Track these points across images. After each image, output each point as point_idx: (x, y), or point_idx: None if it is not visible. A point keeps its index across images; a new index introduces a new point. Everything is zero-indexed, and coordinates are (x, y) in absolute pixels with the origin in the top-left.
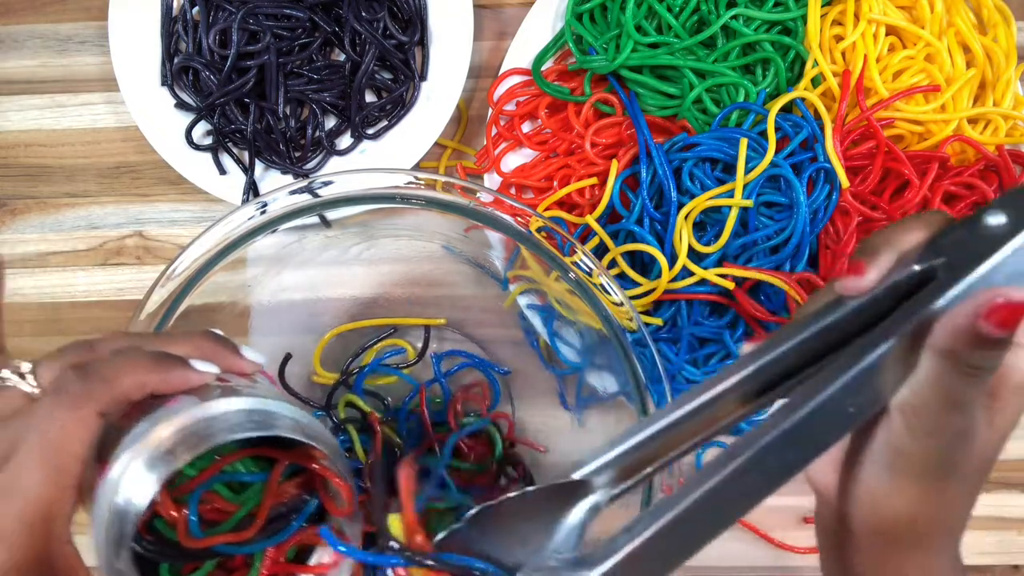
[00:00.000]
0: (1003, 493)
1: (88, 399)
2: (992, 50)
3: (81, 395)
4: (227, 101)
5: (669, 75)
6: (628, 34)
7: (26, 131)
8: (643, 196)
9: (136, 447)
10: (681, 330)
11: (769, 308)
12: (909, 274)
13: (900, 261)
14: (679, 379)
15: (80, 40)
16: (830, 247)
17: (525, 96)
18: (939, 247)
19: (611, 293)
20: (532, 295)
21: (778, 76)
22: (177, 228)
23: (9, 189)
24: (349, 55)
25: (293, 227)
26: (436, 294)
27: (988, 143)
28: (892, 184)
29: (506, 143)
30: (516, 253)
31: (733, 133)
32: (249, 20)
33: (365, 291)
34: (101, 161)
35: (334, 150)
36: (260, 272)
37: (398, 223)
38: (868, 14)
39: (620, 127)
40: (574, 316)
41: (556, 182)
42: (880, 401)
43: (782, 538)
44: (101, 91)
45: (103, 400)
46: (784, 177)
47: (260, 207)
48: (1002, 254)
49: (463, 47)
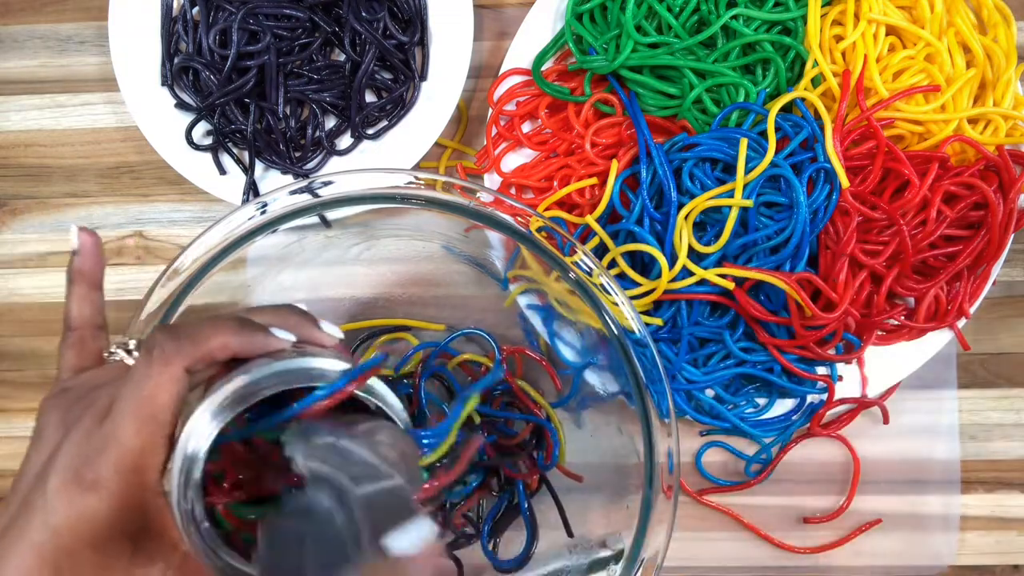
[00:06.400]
0: (1003, 493)
1: (177, 356)
2: (992, 50)
3: (171, 353)
4: (227, 101)
5: (669, 75)
6: (628, 34)
7: (26, 131)
8: (643, 196)
9: (208, 400)
10: (681, 330)
11: (769, 308)
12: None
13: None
14: (679, 379)
15: (80, 40)
16: (830, 247)
17: (525, 96)
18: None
19: (611, 293)
20: (532, 295)
21: (778, 76)
22: (177, 228)
23: (9, 189)
24: (349, 55)
25: (293, 227)
26: (436, 294)
27: (988, 143)
28: (892, 184)
29: (506, 143)
30: (516, 253)
31: (733, 133)
32: (249, 20)
33: (365, 291)
34: (101, 161)
35: (334, 150)
36: (260, 272)
37: (398, 223)
38: (868, 14)
39: (620, 127)
40: (574, 316)
41: (556, 182)
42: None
43: (782, 538)
44: (101, 91)
45: (191, 357)
46: (784, 177)
47: (260, 207)
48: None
49: (463, 47)
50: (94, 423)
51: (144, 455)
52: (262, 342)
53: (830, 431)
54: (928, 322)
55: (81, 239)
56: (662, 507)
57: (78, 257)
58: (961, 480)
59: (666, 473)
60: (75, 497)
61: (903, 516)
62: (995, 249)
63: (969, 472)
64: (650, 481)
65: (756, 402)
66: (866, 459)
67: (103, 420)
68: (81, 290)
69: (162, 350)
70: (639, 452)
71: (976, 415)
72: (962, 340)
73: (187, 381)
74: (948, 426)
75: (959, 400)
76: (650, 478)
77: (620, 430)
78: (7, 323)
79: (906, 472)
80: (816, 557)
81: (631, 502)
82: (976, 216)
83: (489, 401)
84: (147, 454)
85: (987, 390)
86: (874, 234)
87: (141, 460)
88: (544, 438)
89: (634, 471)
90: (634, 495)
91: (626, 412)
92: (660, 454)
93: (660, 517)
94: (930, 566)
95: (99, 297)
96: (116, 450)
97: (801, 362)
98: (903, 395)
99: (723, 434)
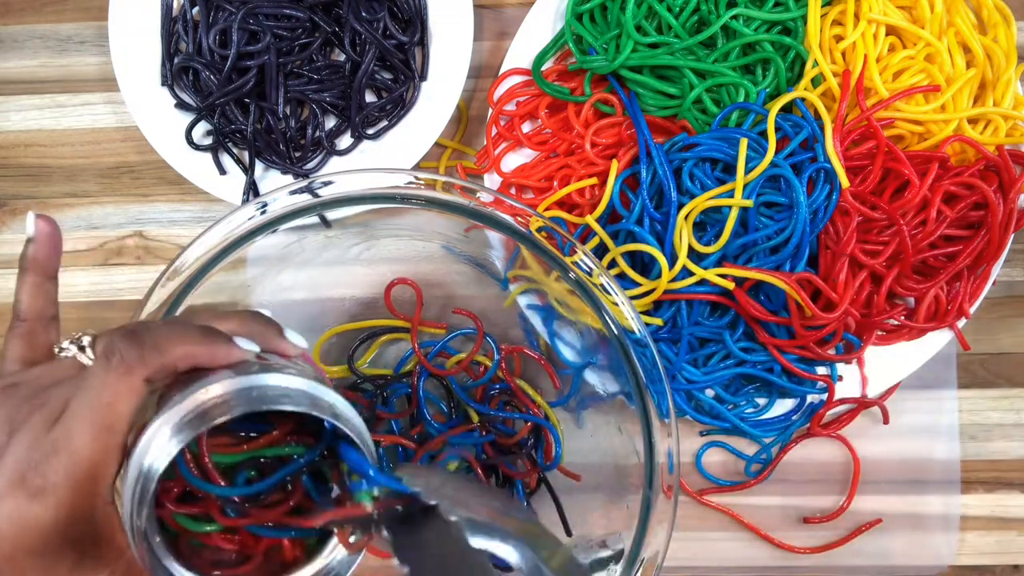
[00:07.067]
0: (1003, 493)
1: (138, 365)
2: (992, 50)
3: (132, 361)
4: (227, 101)
5: (669, 75)
6: (628, 34)
7: (26, 131)
8: (643, 196)
9: (167, 414)
10: (681, 330)
11: (769, 308)
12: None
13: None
14: (679, 379)
15: (80, 40)
16: (830, 247)
17: (525, 96)
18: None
19: (611, 293)
20: (532, 295)
21: (778, 76)
22: (177, 228)
23: (9, 189)
24: (349, 55)
25: (293, 227)
26: (436, 294)
27: (988, 143)
28: (892, 184)
29: (506, 143)
30: (516, 253)
31: (733, 133)
32: (249, 20)
33: (365, 291)
34: (101, 161)
35: (334, 150)
36: (260, 272)
37: (398, 223)
38: (868, 14)
39: (620, 127)
40: (574, 316)
41: (556, 182)
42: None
43: (782, 538)
44: (101, 91)
45: (152, 367)
46: (784, 177)
47: (260, 207)
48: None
49: (463, 47)
50: (44, 426)
51: (97, 465)
52: (225, 353)
53: (830, 431)
54: (928, 322)
55: (38, 226)
56: (662, 507)
57: (33, 245)
58: (961, 480)
59: (666, 473)
60: (20, 503)
61: (903, 516)
62: (995, 249)
63: (969, 472)
64: (650, 481)
65: (756, 402)
66: (866, 459)
67: (54, 424)
68: (35, 279)
69: (122, 358)
70: (639, 452)
71: (976, 415)
72: (962, 340)
73: (146, 391)
74: (948, 426)
75: (959, 400)
76: (650, 478)
77: (620, 430)
78: (7, 323)
79: (906, 472)
80: (816, 557)
81: (631, 502)
82: (976, 216)
83: (487, 400)
84: (100, 464)
85: (987, 390)
86: (874, 234)
87: (94, 470)
88: (543, 438)
89: (634, 471)
90: (634, 495)
91: (626, 412)
92: (660, 454)
93: (660, 517)
94: (930, 566)
95: (53, 288)
96: (68, 458)
97: (801, 362)
98: (903, 395)
99: (723, 434)
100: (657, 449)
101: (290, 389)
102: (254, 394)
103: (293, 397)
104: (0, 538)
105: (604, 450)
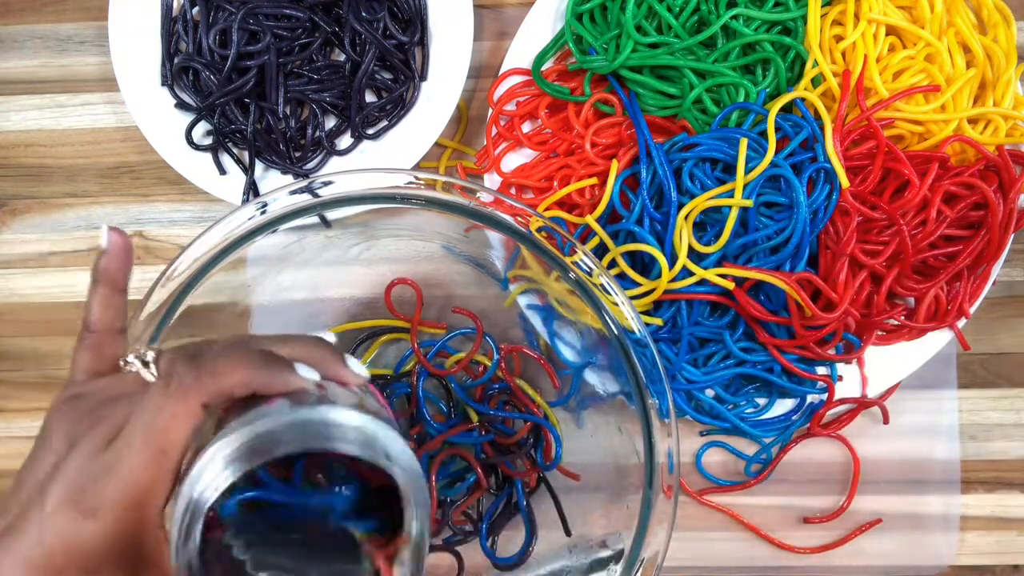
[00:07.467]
0: (1003, 493)
1: (195, 390)
2: (992, 50)
3: (190, 385)
4: (227, 101)
5: (669, 75)
6: (628, 34)
7: (26, 131)
8: (643, 196)
9: (220, 443)
10: (681, 330)
11: (769, 308)
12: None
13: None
14: (679, 379)
15: (80, 40)
16: (830, 247)
17: (525, 96)
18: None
19: (611, 293)
20: (532, 295)
21: (778, 76)
22: (177, 228)
23: (9, 189)
24: (349, 55)
25: (293, 227)
26: (436, 294)
27: (988, 143)
28: (892, 184)
29: (506, 143)
30: (516, 253)
31: (733, 133)
32: (249, 20)
33: (365, 291)
34: (101, 161)
35: (334, 150)
36: (260, 272)
37: (398, 223)
38: (868, 14)
39: (620, 127)
40: (574, 316)
41: (556, 182)
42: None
43: (782, 538)
44: (101, 91)
45: (209, 392)
46: (784, 177)
47: (260, 207)
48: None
49: (463, 47)
50: (101, 443)
51: (148, 490)
52: (283, 381)
53: (830, 431)
54: (928, 322)
55: (111, 238)
56: (662, 507)
57: (105, 257)
58: (961, 480)
59: (666, 473)
60: (72, 520)
61: (903, 516)
62: (995, 249)
63: (969, 472)
64: (650, 481)
65: (756, 402)
66: (866, 459)
67: (111, 442)
68: (105, 291)
69: (180, 381)
70: (639, 452)
71: (976, 415)
72: (962, 340)
73: (203, 417)
74: (948, 426)
75: (959, 400)
76: (650, 478)
77: (620, 430)
78: (7, 323)
79: (906, 472)
80: (816, 557)
81: (631, 502)
82: (976, 216)
83: (487, 400)
84: (151, 489)
85: (987, 390)
86: (874, 234)
87: (144, 494)
88: (543, 437)
89: (634, 471)
90: (634, 495)
91: (626, 412)
92: (660, 454)
93: (660, 517)
94: (930, 566)
95: (122, 301)
96: (120, 481)
97: (801, 362)
98: (903, 395)
99: (723, 434)
100: (657, 449)
101: (345, 427)
102: (308, 430)
103: (347, 437)
104: (53, 552)
105: (604, 450)
